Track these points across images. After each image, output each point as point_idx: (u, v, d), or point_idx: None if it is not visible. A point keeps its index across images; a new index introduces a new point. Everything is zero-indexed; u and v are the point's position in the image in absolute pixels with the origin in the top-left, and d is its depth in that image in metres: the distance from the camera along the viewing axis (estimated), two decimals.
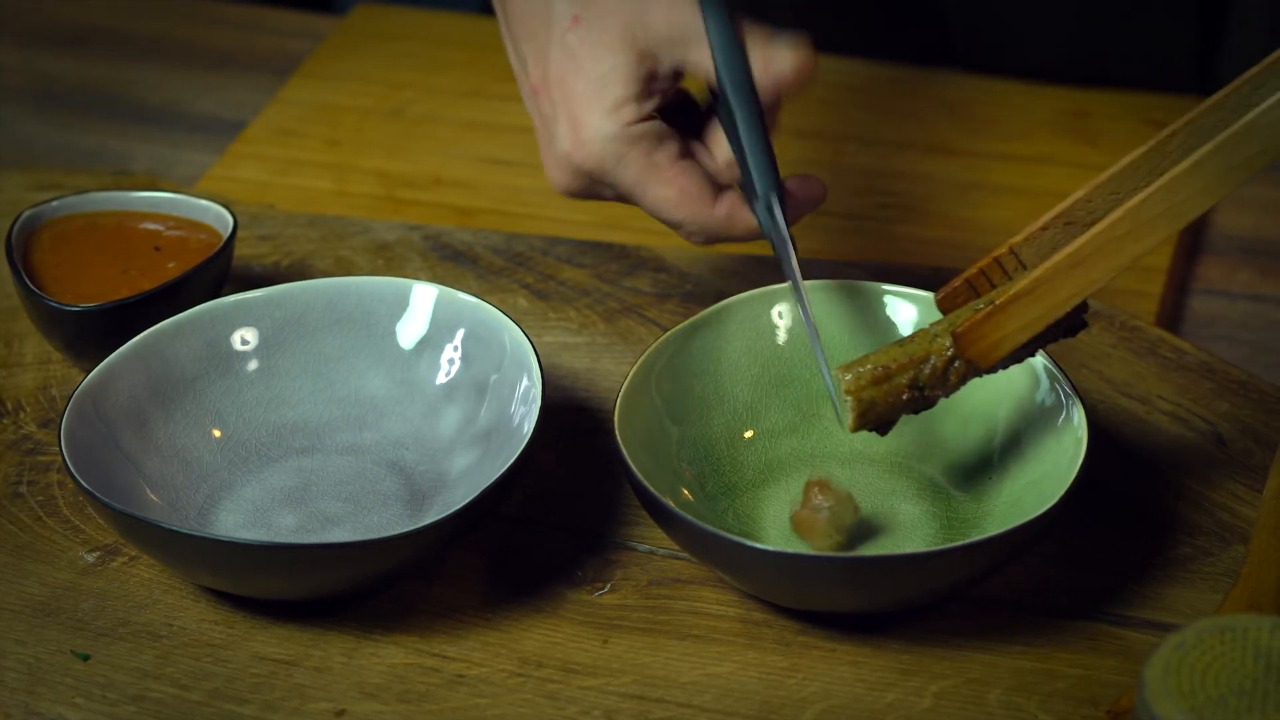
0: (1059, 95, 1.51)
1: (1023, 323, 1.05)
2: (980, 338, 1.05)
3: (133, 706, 1.03)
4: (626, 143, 1.12)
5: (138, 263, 1.25)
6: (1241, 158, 1.01)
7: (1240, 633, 0.88)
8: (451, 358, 1.17)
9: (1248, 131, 1.00)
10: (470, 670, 1.05)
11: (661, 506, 1.04)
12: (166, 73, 1.60)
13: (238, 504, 1.13)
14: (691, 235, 1.15)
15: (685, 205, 1.13)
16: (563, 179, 1.16)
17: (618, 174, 1.13)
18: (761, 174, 1.12)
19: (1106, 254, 1.03)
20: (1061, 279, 1.04)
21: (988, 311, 1.05)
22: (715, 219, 1.13)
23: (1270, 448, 1.16)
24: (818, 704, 1.02)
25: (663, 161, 1.13)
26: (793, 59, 1.12)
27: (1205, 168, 1.01)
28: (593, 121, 1.12)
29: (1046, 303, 1.04)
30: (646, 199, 1.14)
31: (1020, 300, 1.04)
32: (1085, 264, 1.03)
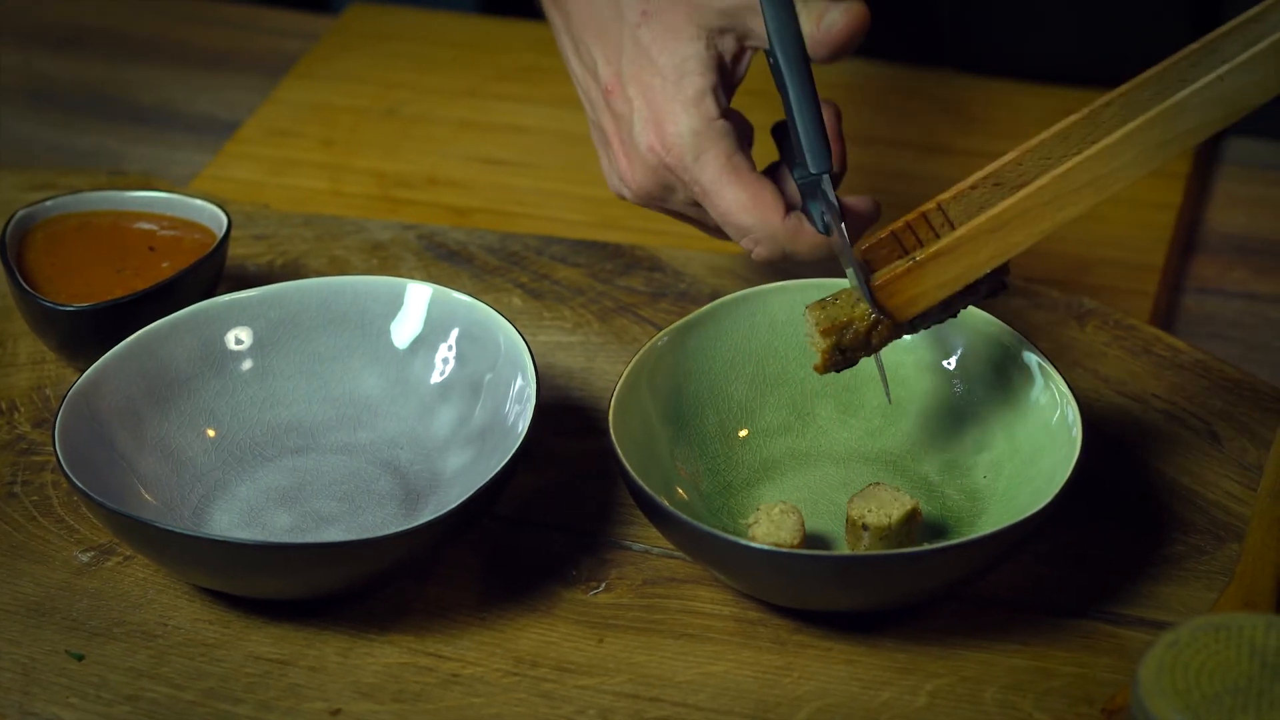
0: (1055, 95, 1.51)
1: (940, 280, 1.06)
2: (898, 292, 1.06)
3: (127, 706, 1.03)
4: (709, 138, 1.11)
5: (132, 262, 1.25)
6: (1173, 133, 1.02)
7: (1235, 631, 0.88)
8: (446, 357, 1.17)
9: (1180, 107, 1.01)
10: (465, 669, 1.04)
11: (656, 505, 1.04)
12: (161, 73, 1.60)
13: (232, 504, 1.13)
14: (758, 244, 1.12)
15: (757, 210, 1.11)
16: (640, 179, 1.14)
17: (698, 170, 1.11)
18: (813, 149, 1.11)
19: (1029, 219, 1.04)
20: (982, 240, 1.05)
21: (907, 267, 1.06)
22: (784, 229, 1.11)
23: (1265, 445, 1.16)
24: (813, 703, 1.02)
25: (741, 164, 1.11)
26: (845, 14, 1.11)
27: (1135, 140, 1.02)
28: (676, 114, 1.11)
29: (965, 262, 1.05)
30: (721, 199, 1.11)
31: (940, 258, 1.05)
32: (1007, 228, 1.04)
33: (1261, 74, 1.00)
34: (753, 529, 1.06)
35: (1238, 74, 1.00)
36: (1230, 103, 1.01)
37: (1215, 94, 1.01)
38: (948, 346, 1.16)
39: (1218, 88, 1.01)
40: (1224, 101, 1.01)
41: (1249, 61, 1.00)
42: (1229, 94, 1.01)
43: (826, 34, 1.11)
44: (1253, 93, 1.01)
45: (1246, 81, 1.01)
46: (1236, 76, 1.01)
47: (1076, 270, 1.34)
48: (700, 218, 1.15)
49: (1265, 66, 1.00)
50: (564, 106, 1.52)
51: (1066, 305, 1.26)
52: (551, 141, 1.49)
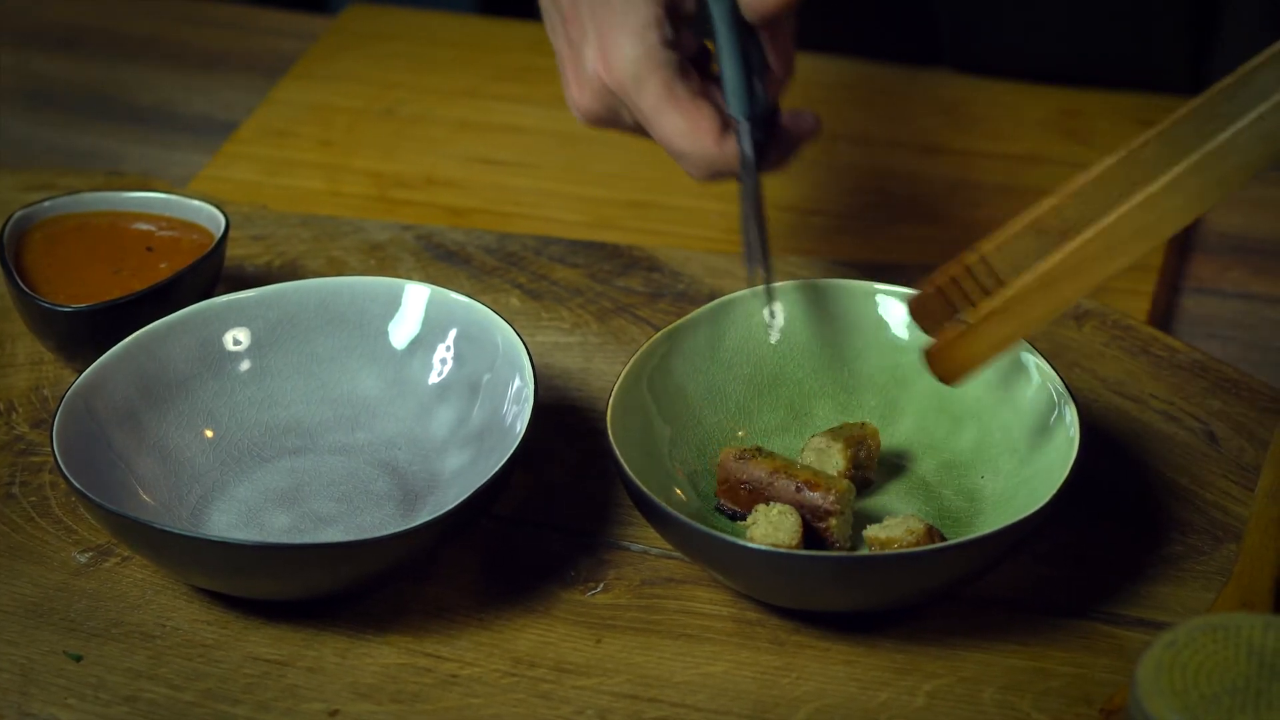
0: (1050, 95, 1.51)
1: (993, 341, 1.05)
2: (952, 357, 1.06)
3: (125, 707, 1.03)
4: (650, 67, 1.13)
5: (130, 263, 1.25)
6: (1218, 175, 1.00)
7: (1233, 631, 0.88)
8: (444, 357, 1.17)
9: (1224, 149, 1.00)
10: (463, 670, 1.04)
11: (654, 506, 1.04)
12: (159, 73, 1.60)
13: (230, 504, 1.13)
14: (695, 169, 1.15)
15: (694, 136, 1.14)
16: (586, 101, 1.16)
17: (638, 96, 1.14)
18: (734, 95, 1.13)
19: (1079, 274, 1.03)
20: (1034, 299, 1.04)
21: (960, 331, 1.05)
22: (719, 154, 1.14)
23: (1262, 446, 1.16)
24: (811, 703, 1.02)
25: (680, 92, 1.14)
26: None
27: (1182, 186, 1.01)
28: (620, 41, 1.13)
29: (1017, 321, 1.04)
30: (660, 125, 1.14)
31: (993, 319, 1.04)
32: (1059, 282, 1.03)
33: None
34: (751, 529, 1.06)
35: (1277, 113, 0.99)
36: (1272, 140, 0.99)
37: (1258, 133, 0.99)
38: None
39: (1260, 126, 0.99)
40: (1268, 139, 0.99)
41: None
42: (1271, 131, 0.99)
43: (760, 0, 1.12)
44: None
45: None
46: (1277, 115, 0.99)
47: None
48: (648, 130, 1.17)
49: None
50: (562, 107, 1.51)
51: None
52: (549, 142, 1.49)
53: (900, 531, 1.06)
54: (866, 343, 1.17)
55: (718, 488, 1.11)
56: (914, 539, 1.05)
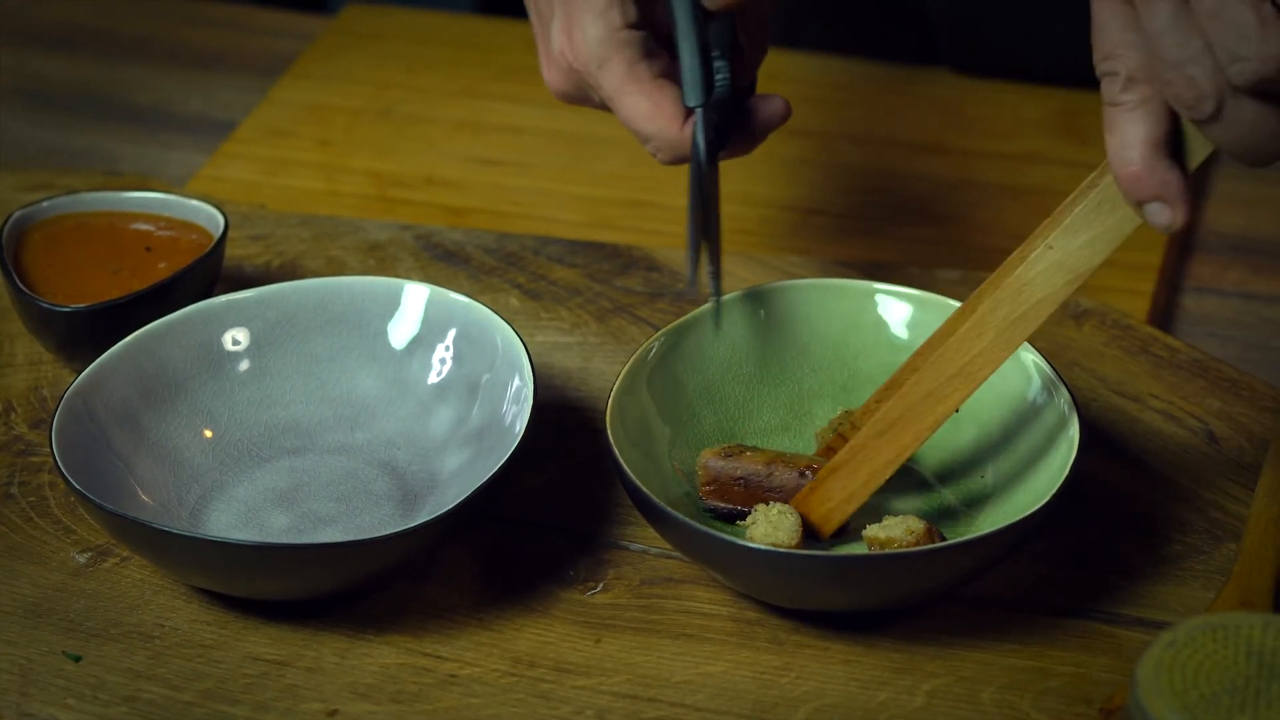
0: (1049, 95, 1.51)
1: (847, 493, 1.07)
2: (811, 511, 1.08)
3: (124, 707, 1.03)
4: (612, 47, 1.13)
5: (129, 263, 1.25)
6: (1020, 309, 1.03)
7: (1232, 630, 0.88)
8: (443, 357, 1.17)
9: (1019, 284, 1.02)
10: (463, 670, 1.04)
11: (654, 506, 1.04)
12: (157, 73, 1.60)
13: (229, 504, 1.12)
14: (658, 151, 1.14)
15: (656, 119, 1.13)
16: (555, 79, 1.16)
17: (600, 77, 1.13)
18: (689, 82, 1.12)
19: (911, 419, 1.05)
20: (873, 447, 1.06)
21: (810, 486, 1.08)
22: (681, 137, 1.13)
23: (1262, 445, 1.16)
24: (810, 703, 1.02)
25: (643, 74, 1.13)
26: None
27: (987, 323, 1.03)
28: (584, 21, 1.13)
29: (865, 471, 1.06)
30: (622, 107, 1.13)
31: (839, 472, 1.07)
32: (893, 429, 1.05)
33: (1087, 236, 1.00)
34: (750, 529, 1.06)
35: (1065, 239, 1.00)
36: (1066, 269, 1.00)
37: (1049, 263, 1.01)
38: None
39: (1049, 256, 1.01)
40: (1059, 269, 1.01)
41: (1072, 225, 1.00)
42: (1062, 261, 1.00)
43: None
44: (1084, 255, 1.00)
45: (1075, 245, 1.00)
46: (1064, 241, 1.00)
47: None
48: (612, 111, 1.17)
49: (1089, 228, 0.99)
50: (560, 106, 1.52)
51: (1064, 305, 1.26)
52: (548, 141, 1.49)
53: (900, 531, 1.06)
54: (866, 342, 1.17)
55: (702, 489, 1.11)
56: (913, 539, 1.05)
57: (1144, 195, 0.96)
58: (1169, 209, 0.96)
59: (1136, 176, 0.96)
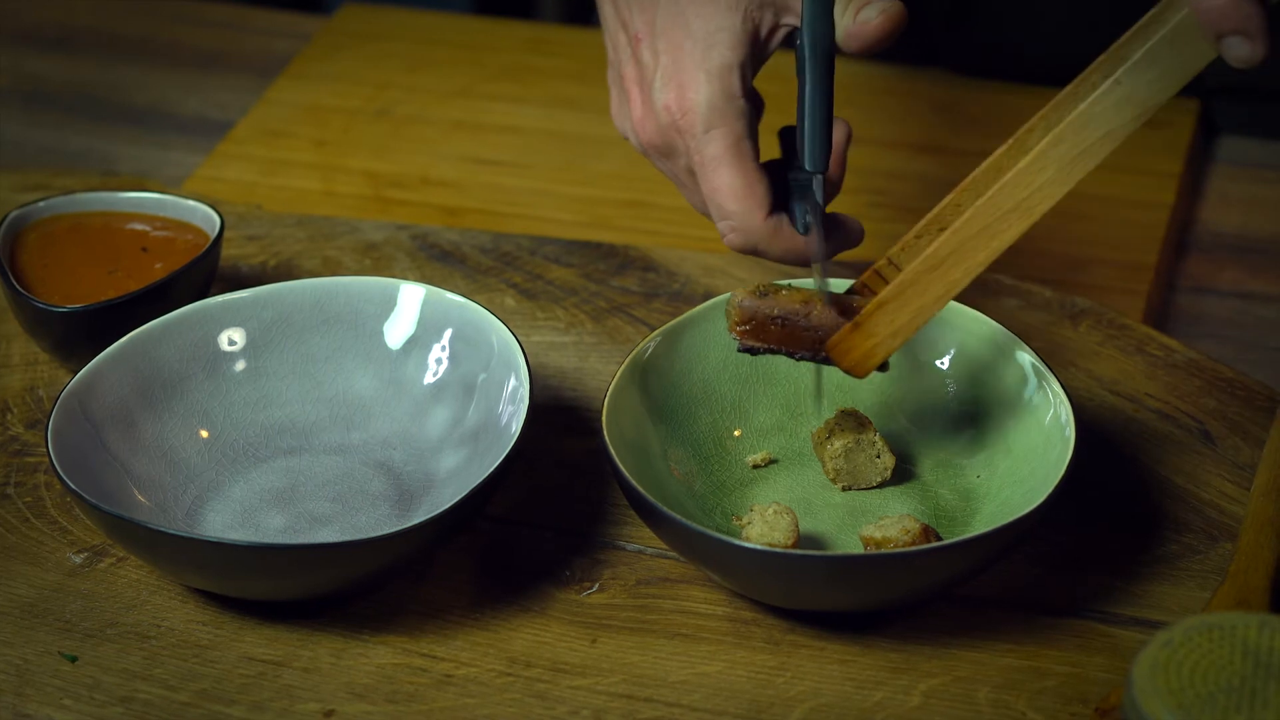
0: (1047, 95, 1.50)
1: (893, 329, 1.06)
2: (852, 348, 1.07)
3: (120, 708, 1.03)
4: (723, 115, 1.12)
5: (125, 263, 1.25)
6: (1085, 144, 1.02)
7: (1228, 630, 0.88)
8: (439, 357, 1.17)
9: (1085, 119, 1.01)
10: (459, 670, 1.04)
11: (649, 506, 1.04)
12: (153, 73, 1.60)
13: (226, 504, 1.12)
14: (733, 232, 1.13)
15: (746, 200, 1.12)
16: (650, 131, 1.14)
17: (704, 141, 1.12)
18: (813, 149, 1.11)
19: (965, 253, 1.04)
20: (924, 281, 1.05)
21: (854, 323, 1.06)
22: (764, 226, 1.12)
23: (1258, 445, 1.16)
24: (806, 702, 1.02)
25: (746, 150, 1.12)
26: (882, 13, 1.11)
27: (1050, 158, 1.02)
28: (698, 81, 1.11)
29: (913, 306, 1.05)
30: (716, 177, 1.12)
31: (886, 307, 1.05)
32: (944, 265, 1.04)
33: (1158, 70, 1.00)
34: (746, 529, 1.06)
35: (1135, 74, 1.00)
36: (1134, 103, 1.00)
37: (1117, 97, 1.01)
38: (941, 347, 1.16)
39: (1117, 91, 1.01)
40: (1128, 103, 1.00)
41: (1143, 59, 1.00)
42: (1130, 95, 1.00)
43: (861, 28, 1.11)
44: (1153, 90, 1.00)
45: (1145, 80, 1.00)
46: (1134, 77, 1.00)
47: (1070, 270, 1.34)
48: (691, 186, 1.16)
49: (1161, 63, 1.00)
50: (556, 106, 1.52)
51: (1060, 305, 1.26)
52: (544, 141, 1.49)
53: (896, 531, 1.06)
54: None
55: (735, 329, 1.09)
56: (910, 538, 1.05)
57: (1226, 28, 0.97)
58: (1249, 42, 0.97)
59: (1221, 10, 0.96)
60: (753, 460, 1.14)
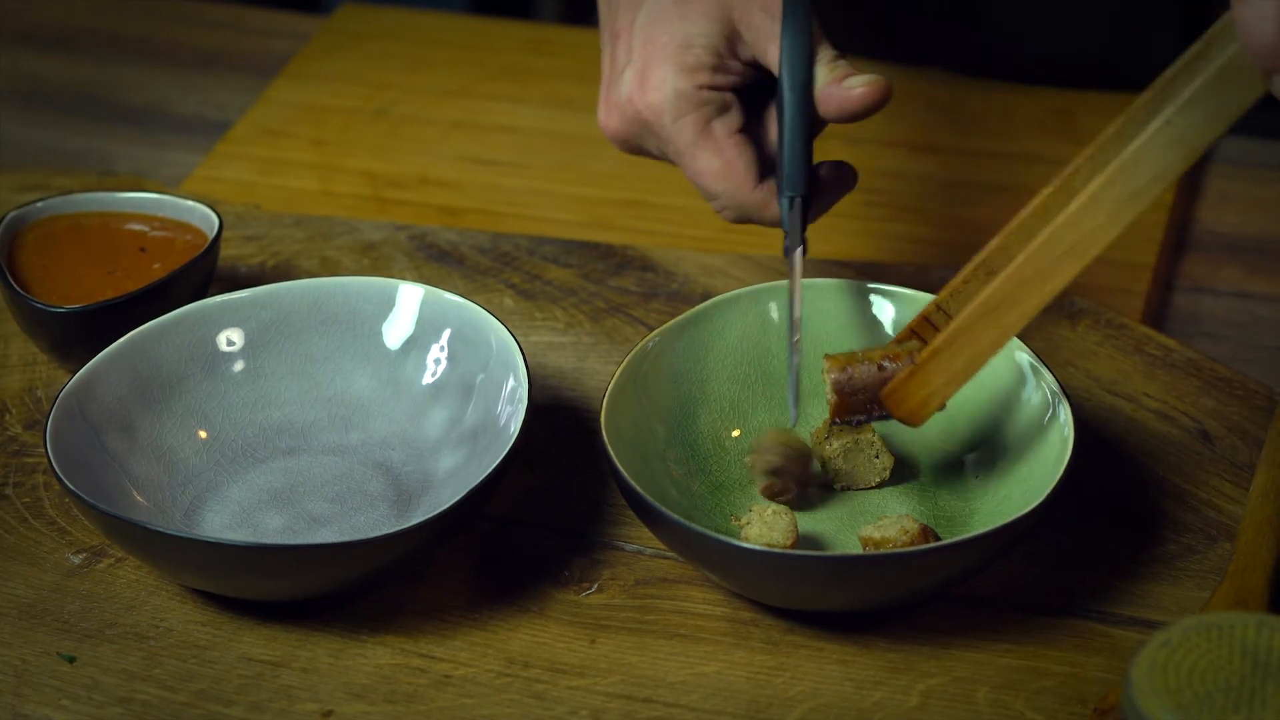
0: (1044, 95, 1.51)
1: (947, 376, 1.06)
2: (908, 397, 1.07)
3: (119, 708, 1.03)
4: (691, 103, 1.13)
5: (123, 264, 1.25)
6: (1136, 185, 1.01)
7: (1227, 630, 0.88)
8: (438, 358, 1.17)
9: (1135, 160, 1.01)
10: (457, 670, 1.04)
11: (648, 506, 1.04)
12: (152, 73, 1.60)
13: (224, 505, 1.12)
14: (724, 210, 1.14)
15: (728, 178, 1.13)
16: (612, 122, 1.16)
17: (673, 131, 1.13)
18: (794, 172, 1.12)
19: (1018, 298, 1.04)
20: (978, 329, 1.05)
21: (910, 371, 1.06)
22: (751, 198, 1.13)
23: (1256, 444, 1.16)
24: (805, 703, 1.02)
25: (719, 131, 1.13)
26: (868, 84, 1.12)
27: (1101, 200, 1.02)
28: (665, 73, 1.12)
29: (968, 353, 1.05)
30: (693, 161, 1.13)
31: (940, 355, 1.05)
32: (999, 309, 1.04)
33: (1208, 110, 0.99)
34: (745, 530, 1.06)
35: (1185, 114, 0.99)
36: (1184, 143, 1.00)
37: (1167, 138, 1.00)
38: None
39: (1168, 132, 1.00)
40: (1178, 143, 1.00)
41: (1192, 99, 0.99)
42: (1181, 135, 1.00)
43: (845, 94, 1.12)
44: (1203, 130, 0.99)
45: (1195, 119, 0.99)
46: (1184, 116, 0.99)
47: None
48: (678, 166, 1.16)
49: (1210, 102, 0.99)
50: (555, 106, 1.52)
51: (1058, 304, 1.26)
52: (543, 141, 1.49)
53: (894, 531, 1.06)
54: (860, 342, 1.17)
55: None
56: (908, 539, 1.05)
57: (1277, 65, 0.95)
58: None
59: (1273, 47, 0.95)
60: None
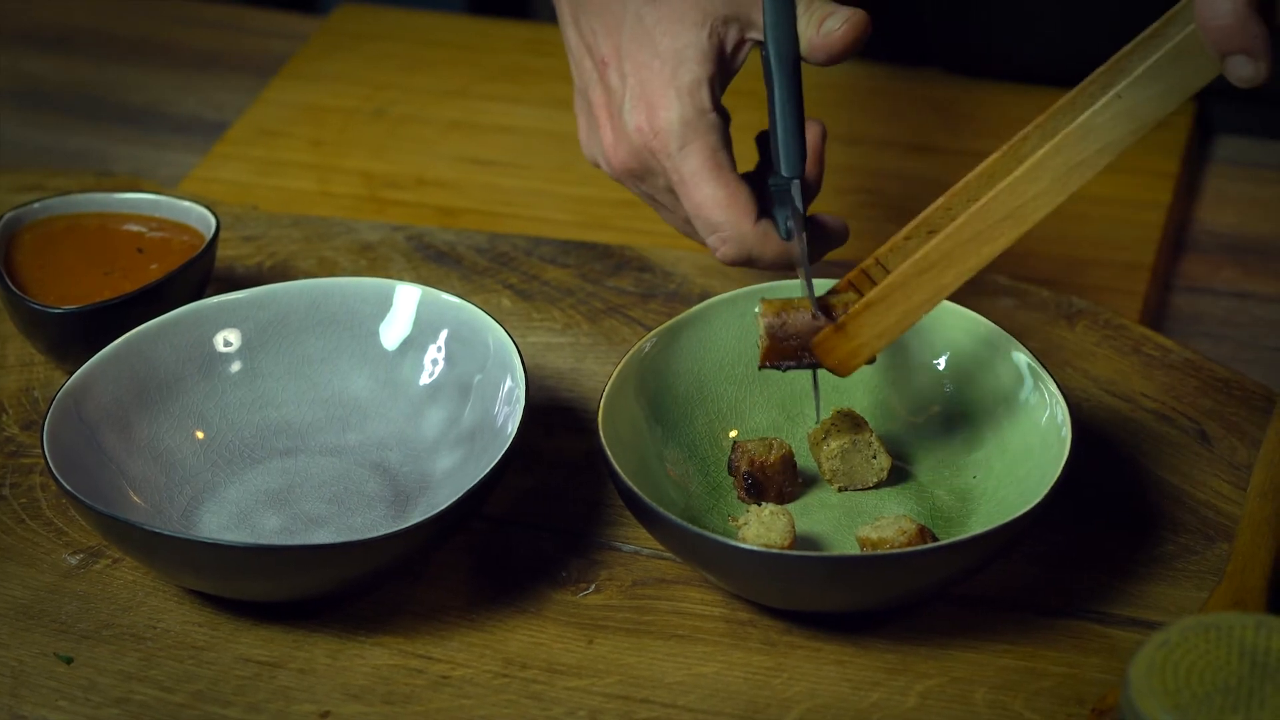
0: (1041, 95, 1.50)
1: (879, 330, 1.06)
2: (836, 348, 1.07)
3: (116, 709, 1.03)
4: (697, 130, 1.12)
5: (120, 264, 1.25)
6: (1082, 155, 1.02)
7: (1225, 631, 0.88)
8: (435, 358, 1.17)
9: (1083, 130, 1.01)
10: (455, 671, 1.04)
11: (645, 507, 1.04)
12: (149, 73, 1.60)
13: (221, 506, 1.12)
14: (724, 243, 1.13)
15: (731, 210, 1.11)
16: (622, 155, 1.14)
17: (681, 159, 1.12)
18: (791, 155, 1.12)
19: (954, 259, 1.04)
20: (913, 285, 1.05)
21: (839, 323, 1.06)
22: (753, 232, 1.12)
23: (1254, 445, 1.16)
24: (803, 703, 1.02)
25: (724, 161, 1.12)
26: (845, 22, 1.12)
27: (1046, 167, 1.02)
28: (668, 100, 1.12)
29: (900, 309, 1.05)
30: (698, 192, 1.12)
31: (873, 307, 1.05)
32: (935, 269, 1.04)
33: (1160, 87, 1.00)
34: (743, 530, 1.06)
35: (1136, 89, 1.00)
36: (1134, 117, 1.01)
37: (1117, 111, 1.01)
38: (937, 347, 1.16)
39: (1117, 105, 1.01)
40: (1127, 117, 1.01)
41: (1145, 75, 1.00)
42: (1131, 109, 1.00)
43: (825, 39, 1.12)
44: (1154, 105, 1.00)
45: (1146, 95, 1.00)
46: (1135, 91, 1.00)
47: (1066, 270, 1.34)
48: (671, 207, 1.15)
49: (1163, 79, 1.00)
50: (553, 107, 1.52)
51: (1056, 305, 1.26)
52: (540, 142, 1.49)
53: (892, 532, 1.06)
54: None
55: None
56: (906, 539, 1.05)
57: (1231, 48, 0.96)
58: (1253, 62, 0.97)
59: (1228, 29, 0.96)
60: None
